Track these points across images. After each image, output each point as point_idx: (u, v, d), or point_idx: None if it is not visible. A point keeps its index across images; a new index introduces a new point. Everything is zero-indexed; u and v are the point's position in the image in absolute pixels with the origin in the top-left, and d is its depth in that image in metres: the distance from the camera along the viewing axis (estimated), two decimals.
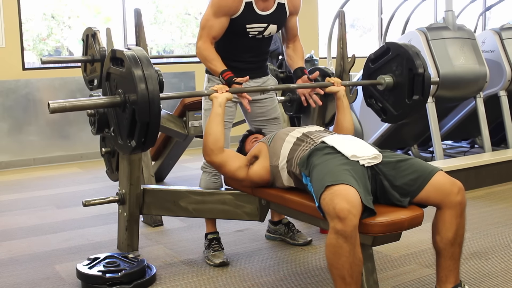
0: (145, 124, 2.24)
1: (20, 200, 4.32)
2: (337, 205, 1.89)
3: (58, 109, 2.23)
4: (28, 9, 6.06)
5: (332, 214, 1.90)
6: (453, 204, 2.08)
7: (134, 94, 2.22)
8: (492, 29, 5.16)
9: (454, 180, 2.13)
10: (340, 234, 1.88)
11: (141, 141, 2.31)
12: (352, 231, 1.88)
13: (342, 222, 1.87)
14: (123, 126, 2.39)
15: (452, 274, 2.14)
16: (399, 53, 2.90)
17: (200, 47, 2.72)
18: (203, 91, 2.68)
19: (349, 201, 1.90)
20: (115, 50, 2.40)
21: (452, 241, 2.11)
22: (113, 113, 2.47)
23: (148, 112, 2.21)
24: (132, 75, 2.21)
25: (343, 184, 1.95)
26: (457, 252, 2.14)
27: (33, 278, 2.72)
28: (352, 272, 1.93)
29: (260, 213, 2.66)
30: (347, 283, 1.94)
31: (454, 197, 2.08)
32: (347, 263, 1.91)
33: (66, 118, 5.85)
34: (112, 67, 2.41)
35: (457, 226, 2.10)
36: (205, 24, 2.72)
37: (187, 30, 7.55)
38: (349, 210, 1.88)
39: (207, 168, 2.91)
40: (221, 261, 2.82)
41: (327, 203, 1.94)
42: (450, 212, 2.09)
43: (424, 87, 2.86)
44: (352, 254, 1.91)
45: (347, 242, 1.89)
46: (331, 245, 1.92)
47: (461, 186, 2.12)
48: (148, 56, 2.33)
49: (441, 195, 2.09)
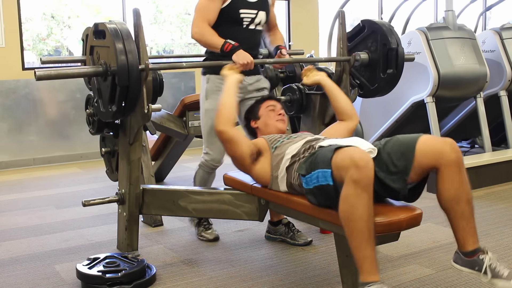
0: (125, 88, 2.48)
1: (20, 200, 4.31)
2: (355, 154, 1.90)
3: (44, 76, 2.42)
4: (28, 9, 6.06)
5: (348, 164, 1.89)
6: (448, 162, 2.00)
7: (114, 63, 2.46)
8: (492, 29, 5.16)
9: (444, 139, 2.06)
10: (358, 183, 1.86)
11: (121, 106, 2.55)
12: (370, 181, 1.88)
13: (360, 171, 1.86)
14: (105, 94, 2.62)
15: (468, 235, 2.03)
16: (374, 30, 3.09)
17: (196, 28, 2.85)
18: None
19: (365, 153, 1.92)
20: (97, 24, 2.64)
21: (456, 198, 2.02)
22: (96, 84, 2.70)
23: (127, 77, 2.45)
24: (113, 45, 2.46)
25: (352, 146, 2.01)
26: (467, 210, 2.03)
27: (33, 278, 2.72)
28: (369, 225, 1.89)
29: (260, 213, 2.66)
30: (365, 237, 1.89)
31: (448, 155, 2.00)
32: (366, 214, 1.88)
33: (66, 118, 5.85)
34: (95, 40, 2.67)
35: (458, 182, 2.02)
36: (200, 7, 2.87)
37: (187, 30, 7.55)
38: (368, 158, 1.89)
39: (205, 165, 3.06)
40: (214, 236, 3.15)
41: (342, 158, 1.94)
42: (447, 170, 2.01)
43: (397, 61, 3.06)
44: (369, 205, 1.88)
45: (365, 192, 1.87)
46: (348, 196, 1.89)
47: (452, 143, 2.04)
48: (129, 31, 2.55)
49: (433, 157, 2.02)
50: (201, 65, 3.10)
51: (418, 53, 4.54)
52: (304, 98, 3.43)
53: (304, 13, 7.19)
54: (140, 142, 2.88)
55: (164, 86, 3.75)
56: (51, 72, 2.42)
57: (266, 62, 3.16)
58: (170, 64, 3.61)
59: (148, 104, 2.58)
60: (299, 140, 2.45)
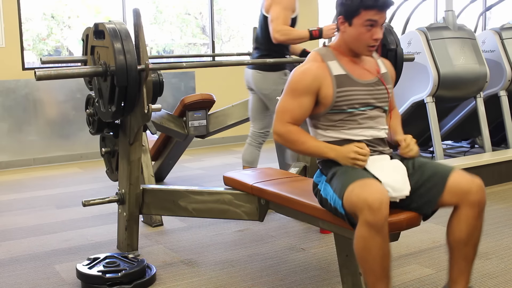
0: (124, 88, 2.50)
1: (20, 200, 4.32)
2: (370, 195, 1.80)
3: (44, 76, 2.42)
4: (28, 9, 6.06)
5: (362, 206, 1.81)
6: (470, 204, 1.96)
7: (113, 63, 2.48)
8: (492, 29, 5.16)
9: (473, 178, 2.00)
10: (372, 226, 1.80)
11: (120, 106, 2.57)
12: (384, 223, 1.82)
13: (374, 214, 1.79)
14: (105, 94, 2.64)
15: (463, 276, 2.05)
16: None
17: (277, 32, 3.32)
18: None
19: (380, 191, 1.83)
20: (97, 24, 2.66)
21: (466, 241, 1.99)
22: (96, 84, 2.73)
23: (126, 77, 2.47)
24: (112, 45, 2.47)
25: (370, 179, 1.90)
26: (471, 254, 2.03)
27: (33, 278, 2.72)
28: (383, 265, 1.87)
29: (260, 213, 2.65)
30: (378, 276, 1.87)
31: (473, 197, 1.95)
32: (379, 256, 1.85)
33: (66, 118, 5.85)
34: (95, 40, 2.70)
35: (473, 227, 1.98)
36: (276, 15, 3.37)
37: (187, 30, 7.55)
38: (382, 200, 1.80)
39: (253, 141, 3.64)
40: None
41: (356, 195, 1.84)
42: (467, 211, 1.97)
43: (397, 61, 3.07)
44: (383, 246, 1.84)
45: (379, 234, 1.82)
46: (362, 238, 1.84)
47: (480, 184, 1.98)
48: (128, 31, 2.57)
49: (457, 197, 1.97)
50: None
51: (418, 53, 4.54)
52: None
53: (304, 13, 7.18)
54: (140, 142, 2.88)
55: (164, 86, 3.75)
56: (51, 72, 2.43)
57: (266, 62, 3.18)
58: (170, 64, 3.61)
59: (148, 104, 2.58)
60: (366, 127, 2.14)
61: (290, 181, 2.62)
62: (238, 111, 4.39)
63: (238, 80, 6.24)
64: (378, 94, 2.17)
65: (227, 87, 6.51)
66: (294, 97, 2.13)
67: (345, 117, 2.12)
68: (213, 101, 4.28)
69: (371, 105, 2.14)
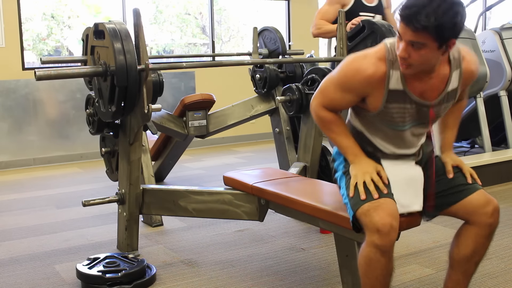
0: (124, 88, 2.51)
1: (20, 200, 4.31)
2: (380, 220, 1.78)
3: (44, 76, 2.43)
4: (28, 9, 6.06)
5: (372, 228, 1.80)
6: (483, 224, 1.95)
7: (113, 63, 2.48)
8: (492, 29, 5.15)
9: (490, 199, 1.97)
10: (378, 249, 1.80)
11: (120, 106, 2.58)
12: (391, 246, 1.81)
13: (382, 238, 1.78)
14: (105, 94, 2.64)
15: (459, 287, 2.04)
16: (373, 30, 3.16)
17: (313, 27, 3.52)
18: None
19: (391, 214, 1.80)
20: (97, 24, 2.66)
21: (469, 257, 1.98)
22: (96, 84, 2.73)
23: (125, 77, 2.48)
24: (112, 45, 2.48)
25: (384, 199, 1.85)
26: (471, 270, 2.02)
27: (33, 278, 2.72)
28: (384, 281, 1.88)
29: (260, 213, 2.65)
30: None
31: (486, 218, 1.95)
32: (381, 275, 1.85)
33: (66, 118, 5.85)
34: (95, 40, 2.69)
35: (481, 245, 1.97)
36: (320, 11, 3.58)
37: (187, 30, 7.55)
38: (391, 224, 1.79)
39: None
40: None
41: (367, 215, 1.82)
42: (477, 230, 1.95)
43: None
44: (387, 266, 1.85)
45: (384, 257, 1.82)
46: (367, 258, 1.84)
47: (496, 206, 1.97)
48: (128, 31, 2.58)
49: (471, 213, 1.95)
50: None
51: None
52: (304, 98, 3.43)
53: (304, 13, 7.18)
54: (140, 142, 2.88)
55: (164, 86, 3.75)
56: (51, 72, 2.43)
57: (266, 62, 3.17)
58: (170, 64, 3.62)
59: (148, 104, 2.58)
60: (399, 147, 2.02)
61: (290, 181, 2.62)
62: (238, 111, 4.39)
63: (238, 80, 6.26)
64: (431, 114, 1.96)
65: (227, 87, 6.51)
66: (340, 90, 1.96)
67: (383, 127, 1.98)
68: (213, 101, 4.28)
69: (417, 121, 1.96)
